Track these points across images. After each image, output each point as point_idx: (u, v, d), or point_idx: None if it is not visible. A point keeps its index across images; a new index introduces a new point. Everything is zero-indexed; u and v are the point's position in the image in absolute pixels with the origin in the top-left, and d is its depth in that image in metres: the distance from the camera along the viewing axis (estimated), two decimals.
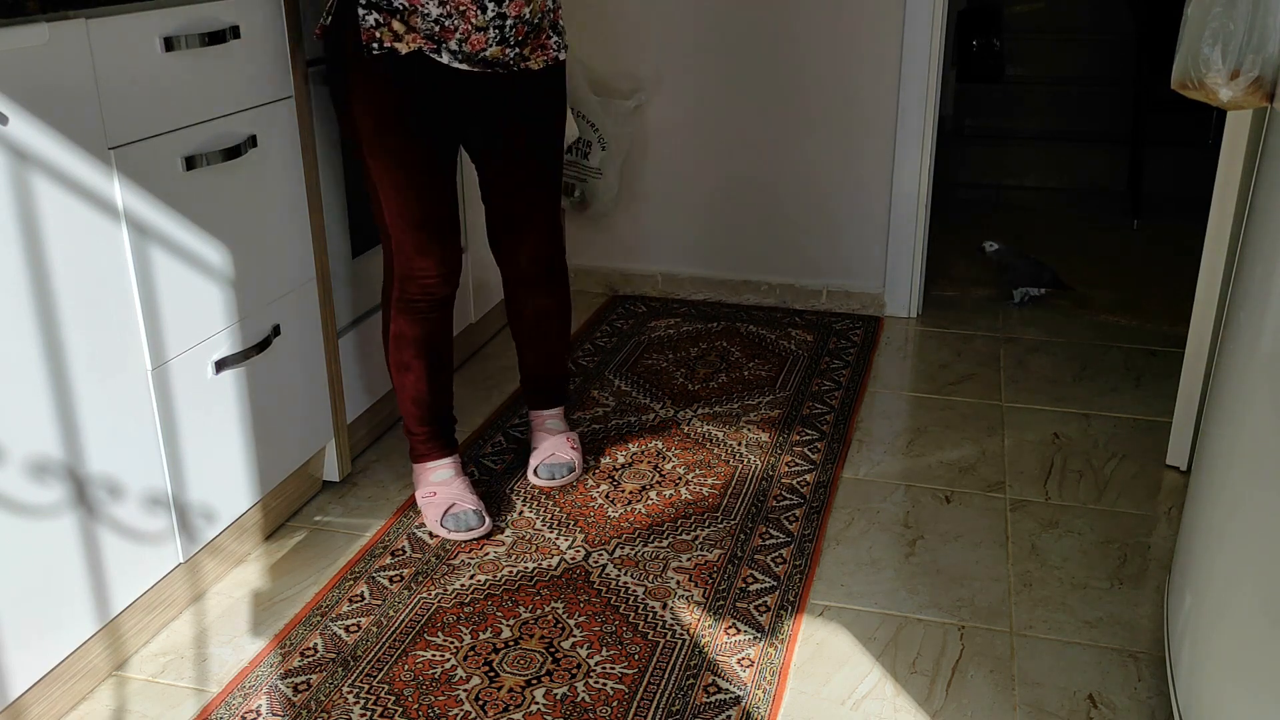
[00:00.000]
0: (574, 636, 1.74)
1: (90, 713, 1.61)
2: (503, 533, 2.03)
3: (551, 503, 2.13)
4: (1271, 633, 1.13)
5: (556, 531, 2.03)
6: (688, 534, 2.02)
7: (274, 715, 1.59)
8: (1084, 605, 1.83)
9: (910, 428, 2.46)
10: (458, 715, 1.58)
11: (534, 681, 1.64)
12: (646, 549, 1.98)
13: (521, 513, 2.10)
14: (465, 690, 1.63)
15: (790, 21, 2.97)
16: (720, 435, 2.40)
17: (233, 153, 1.74)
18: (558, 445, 2.23)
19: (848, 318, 3.12)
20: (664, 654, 1.70)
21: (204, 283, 1.74)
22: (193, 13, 1.66)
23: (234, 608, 1.84)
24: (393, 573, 1.92)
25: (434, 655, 1.70)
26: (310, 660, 1.70)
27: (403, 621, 1.79)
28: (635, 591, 1.85)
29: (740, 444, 2.36)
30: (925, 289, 3.19)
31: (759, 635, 1.75)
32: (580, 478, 2.22)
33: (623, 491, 2.17)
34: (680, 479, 2.22)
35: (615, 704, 1.59)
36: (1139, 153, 4.02)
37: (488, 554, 1.97)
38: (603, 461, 2.28)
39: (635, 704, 1.59)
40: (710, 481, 2.21)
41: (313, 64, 1.98)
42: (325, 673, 1.67)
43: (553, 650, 1.71)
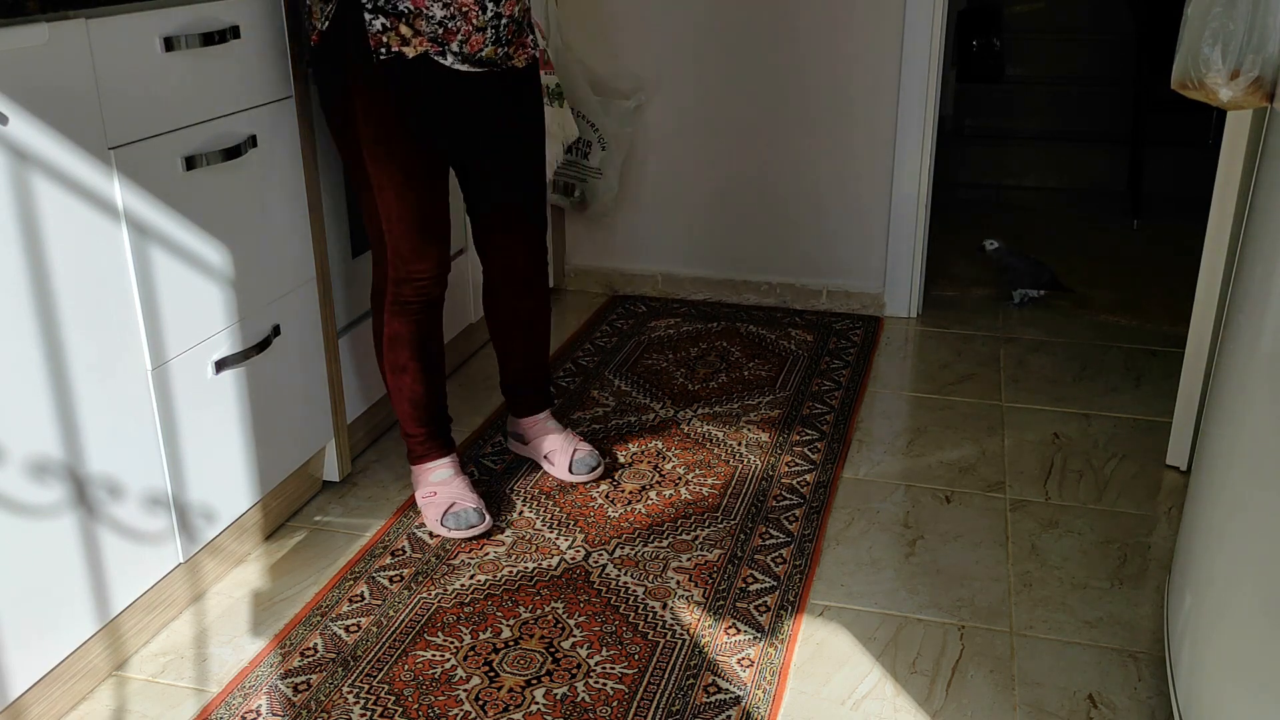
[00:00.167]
0: (574, 636, 1.74)
1: (90, 713, 1.61)
2: (503, 533, 2.03)
3: (551, 503, 2.13)
4: (1271, 633, 1.13)
5: (556, 531, 2.03)
6: (688, 534, 2.02)
7: (274, 715, 1.59)
8: (1084, 605, 1.83)
9: (910, 428, 2.46)
10: (458, 715, 1.58)
11: (534, 681, 1.64)
12: (646, 549, 1.98)
13: (521, 513, 2.10)
14: (465, 690, 1.63)
15: (790, 21, 2.97)
16: (720, 435, 2.40)
17: (233, 153, 1.74)
18: (571, 440, 2.24)
19: (848, 318, 3.12)
20: (664, 654, 1.70)
21: (204, 283, 1.74)
22: (193, 13, 1.66)
23: (234, 608, 1.84)
24: (393, 573, 1.92)
25: (434, 655, 1.70)
26: (310, 660, 1.70)
27: (403, 621, 1.79)
28: (635, 591, 1.85)
29: (740, 444, 2.36)
30: (925, 289, 3.19)
31: (759, 635, 1.75)
32: None
33: (623, 491, 2.17)
34: (680, 479, 2.22)
35: (615, 704, 1.59)
36: (1139, 153, 4.02)
37: (488, 554, 1.97)
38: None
39: (635, 704, 1.59)
40: (710, 481, 2.21)
41: (310, 66, 1.98)
42: (325, 673, 1.67)
43: (553, 650, 1.71)
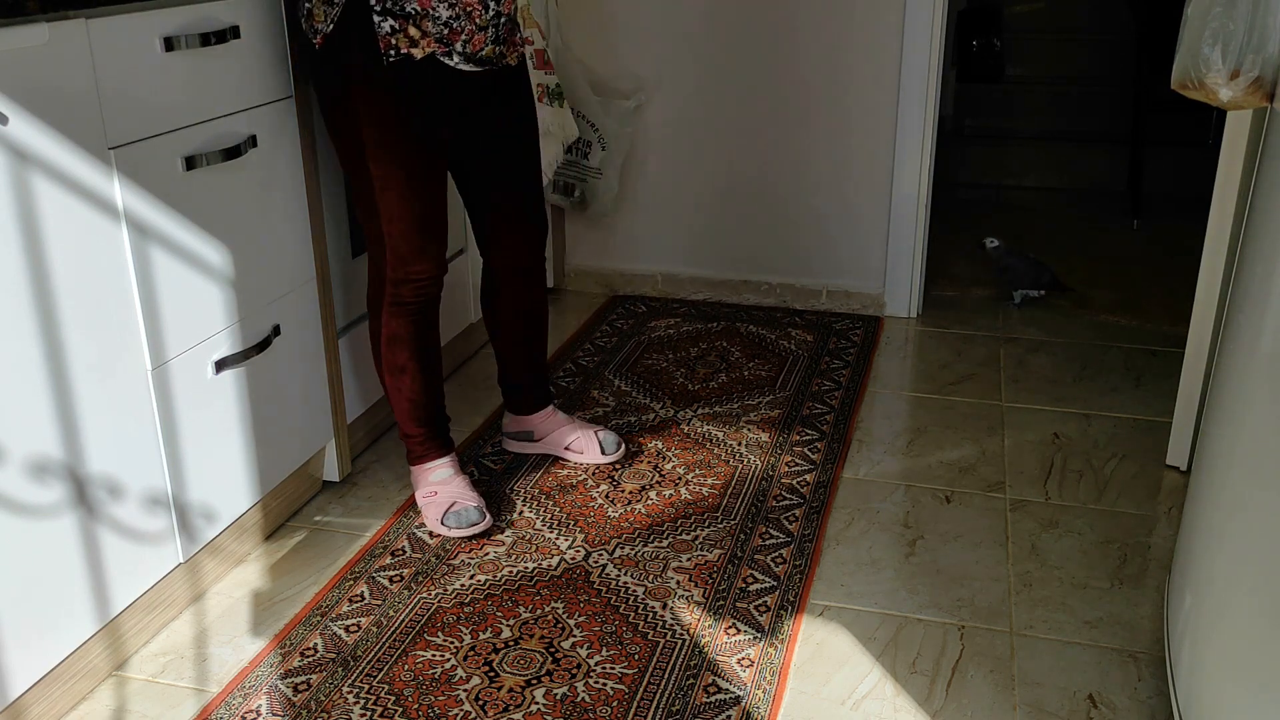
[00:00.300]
0: (574, 636, 1.74)
1: (90, 713, 1.61)
2: (503, 533, 2.03)
3: (551, 503, 2.13)
4: (1271, 633, 1.13)
5: (556, 531, 2.03)
6: (688, 534, 2.02)
7: (274, 715, 1.59)
8: (1084, 605, 1.83)
9: (910, 428, 2.46)
10: (458, 715, 1.58)
11: (534, 681, 1.64)
12: (646, 549, 1.98)
13: (521, 513, 2.10)
14: (465, 690, 1.63)
15: (790, 21, 2.97)
16: (720, 435, 2.40)
17: (233, 153, 1.74)
18: (586, 426, 2.30)
19: (848, 318, 3.12)
20: (664, 654, 1.70)
21: (204, 283, 1.74)
22: (193, 13, 1.66)
23: (234, 608, 1.84)
24: (393, 573, 1.92)
25: (434, 655, 1.70)
26: (310, 660, 1.70)
27: (403, 621, 1.79)
28: (635, 591, 1.85)
29: (740, 444, 2.36)
30: (925, 289, 3.19)
31: (759, 635, 1.75)
32: None
33: (623, 491, 2.17)
34: (680, 479, 2.22)
35: (615, 704, 1.59)
36: (1139, 153, 4.02)
37: (488, 554, 1.97)
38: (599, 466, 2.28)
39: (635, 704, 1.59)
40: (710, 481, 2.21)
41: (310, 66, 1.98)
42: (325, 673, 1.67)
43: (553, 650, 1.71)
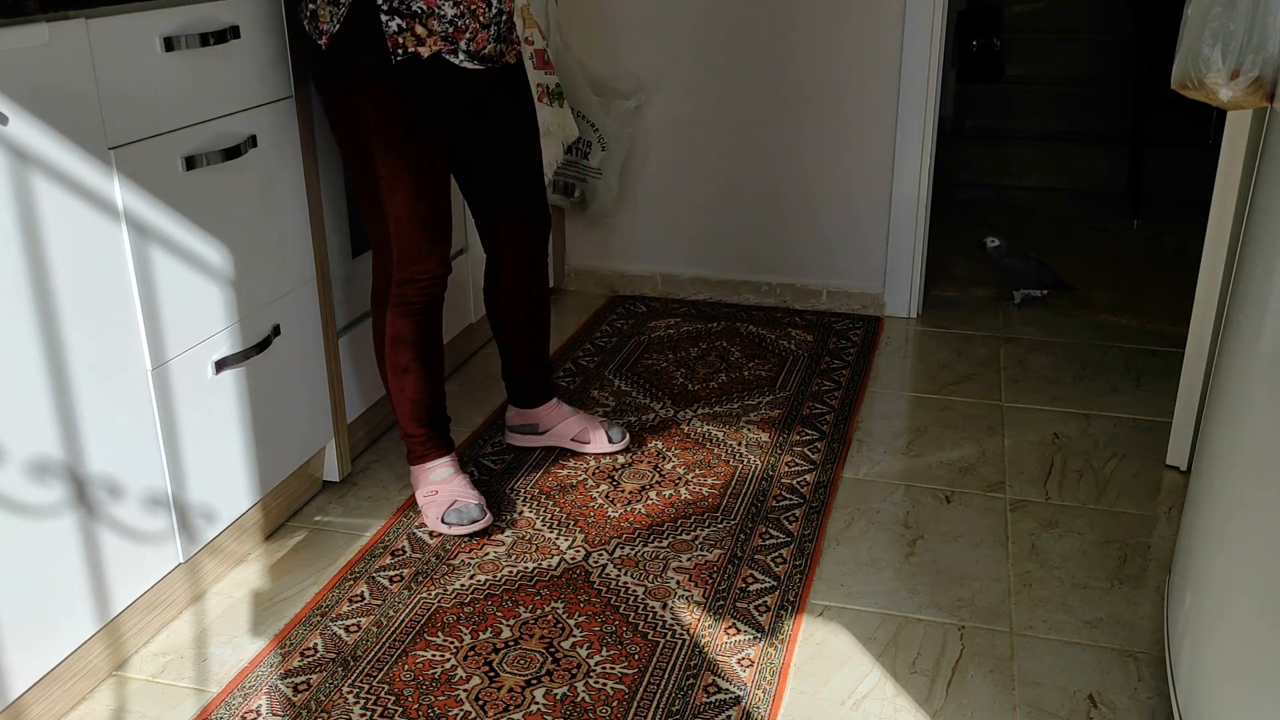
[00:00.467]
0: (574, 636, 1.74)
1: (90, 713, 1.60)
2: (503, 533, 2.03)
3: (551, 503, 2.13)
4: (1271, 633, 1.13)
5: (556, 531, 2.03)
6: (688, 534, 2.02)
7: (274, 715, 1.59)
8: (1084, 605, 1.83)
9: (910, 428, 2.46)
10: (458, 715, 1.58)
11: (534, 681, 1.64)
12: (646, 549, 1.98)
13: (521, 513, 2.10)
14: (465, 690, 1.63)
15: (790, 21, 2.97)
16: (720, 435, 2.40)
17: (233, 153, 1.74)
18: (591, 417, 2.33)
19: (848, 318, 3.12)
20: (664, 654, 1.70)
21: (204, 283, 1.74)
22: (193, 13, 1.66)
23: (234, 608, 1.84)
24: (393, 573, 1.92)
25: (434, 655, 1.70)
26: (310, 660, 1.70)
27: (403, 621, 1.79)
28: (635, 591, 1.85)
29: (740, 444, 2.36)
30: (925, 289, 3.19)
31: (759, 635, 1.75)
32: None
33: (623, 491, 2.17)
34: (680, 479, 2.22)
35: (615, 704, 1.59)
36: (1139, 153, 4.02)
37: (488, 554, 1.97)
38: (602, 461, 2.28)
39: (635, 704, 1.59)
40: (710, 481, 2.21)
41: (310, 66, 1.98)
42: (325, 673, 1.67)
43: (553, 650, 1.71)
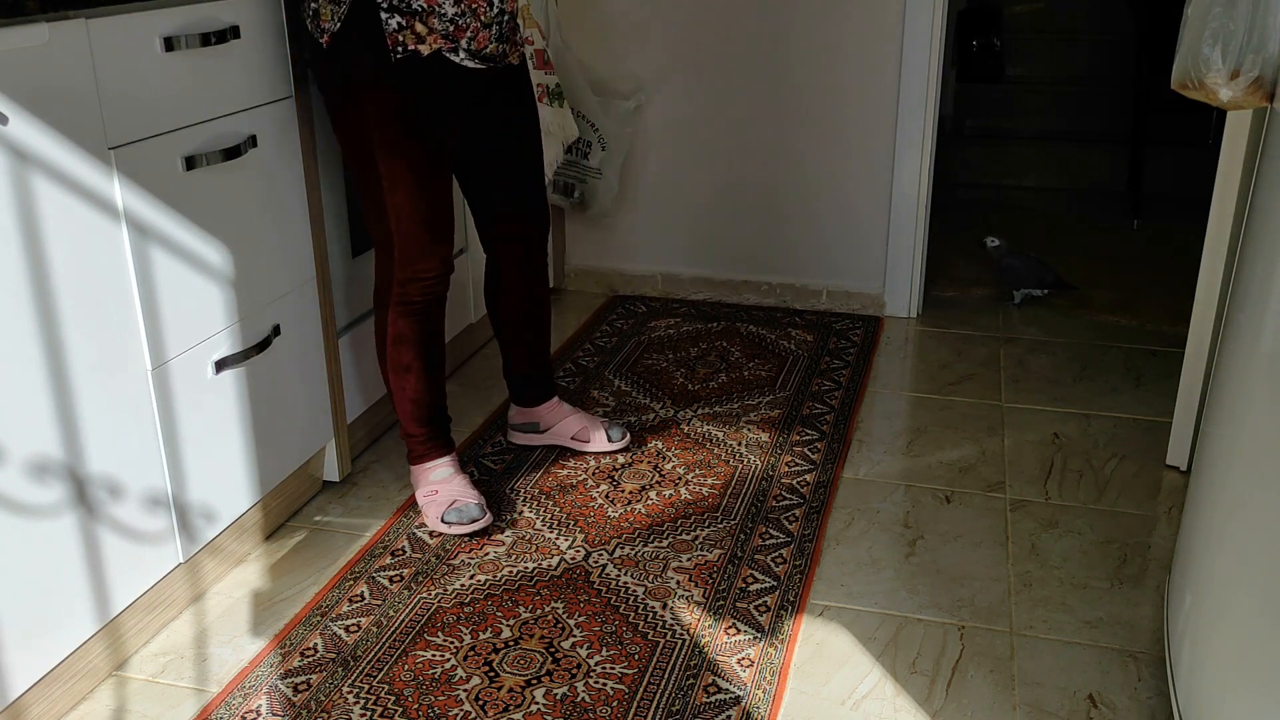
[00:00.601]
0: (574, 636, 1.74)
1: (90, 713, 1.61)
2: (503, 533, 2.03)
3: (551, 503, 2.13)
4: (1271, 633, 1.13)
5: (556, 531, 2.03)
6: (688, 534, 2.02)
7: (274, 715, 1.59)
8: (1084, 605, 1.83)
9: (910, 428, 2.46)
10: (458, 715, 1.58)
11: (534, 681, 1.64)
12: (646, 549, 1.98)
13: (521, 513, 2.10)
14: (465, 690, 1.63)
15: (791, 21, 2.97)
16: (720, 435, 2.40)
17: (233, 153, 1.74)
18: (591, 416, 2.34)
19: (848, 318, 3.12)
20: (664, 654, 1.70)
21: (204, 283, 1.74)
22: (193, 13, 1.66)
23: (234, 608, 1.84)
24: (393, 573, 1.92)
25: (434, 655, 1.70)
26: (310, 660, 1.70)
27: (403, 621, 1.79)
28: (635, 591, 1.85)
29: (740, 444, 2.36)
30: (925, 289, 3.19)
31: (759, 635, 1.75)
32: None
33: (623, 491, 2.17)
34: (680, 479, 2.22)
35: (615, 704, 1.59)
36: (1139, 153, 4.02)
37: (488, 554, 1.97)
38: (603, 461, 2.28)
39: (635, 704, 1.59)
40: (710, 481, 2.21)
41: (310, 65, 1.98)
42: (325, 673, 1.67)
43: (553, 650, 1.71)
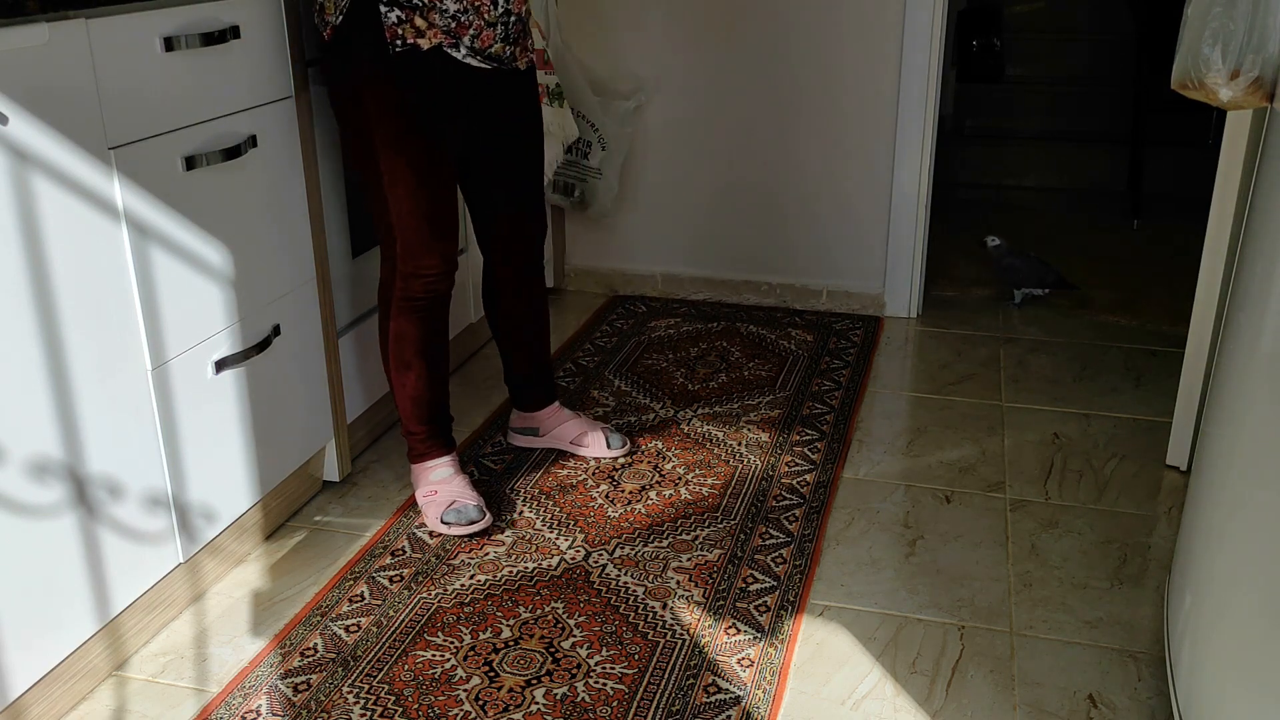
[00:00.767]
0: (574, 636, 1.74)
1: (90, 713, 1.61)
2: (503, 533, 2.03)
3: (551, 503, 2.13)
4: (1271, 633, 1.13)
5: (556, 531, 2.03)
6: (688, 534, 2.02)
7: (274, 715, 1.59)
8: (1084, 605, 1.83)
9: (910, 428, 2.46)
10: (458, 715, 1.58)
11: (534, 681, 1.64)
12: (646, 549, 1.98)
13: (521, 513, 2.10)
14: (465, 690, 1.63)
15: (790, 21, 2.97)
16: (720, 435, 2.40)
17: (233, 153, 1.74)
18: (592, 422, 2.33)
19: (848, 318, 3.12)
20: (664, 654, 1.70)
21: (204, 283, 1.74)
22: (193, 13, 1.66)
23: (234, 608, 1.84)
24: (393, 573, 1.92)
25: (434, 655, 1.70)
26: (310, 660, 1.70)
27: (403, 621, 1.79)
28: (635, 591, 1.85)
29: (740, 444, 2.36)
30: (925, 289, 3.19)
31: (759, 635, 1.75)
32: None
33: (623, 491, 2.17)
34: (680, 479, 2.22)
35: (615, 704, 1.59)
36: (1139, 153, 4.02)
37: (488, 554, 1.97)
38: (603, 461, 2.28)
39: (635, 704, 1.59)
40: (710, 481, 2.21)
41: (312, 64, 1.98)
42: (325, 673, 1.67)
43: (553, 650, 1.71)
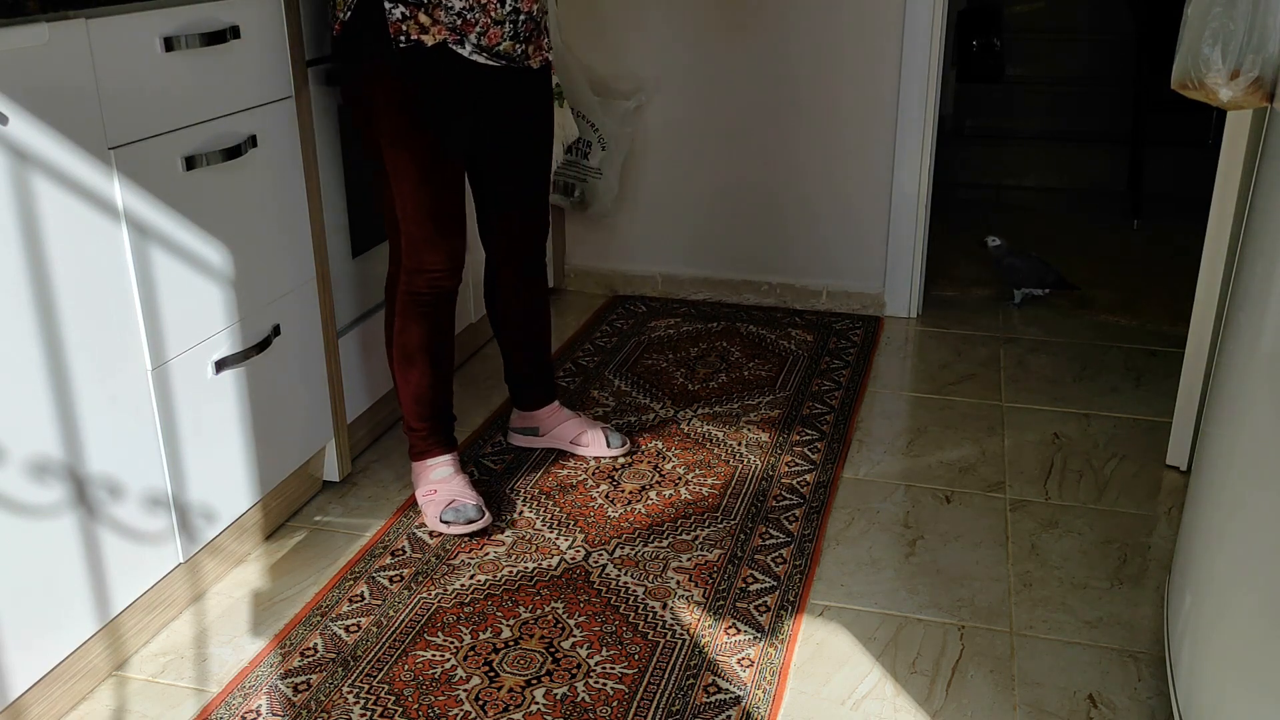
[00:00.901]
0: (574, 636, 1.74)
1: (90, 713, 1.61)
2: (503, 533, 2.03)
3: (551, 503, 2.13)
4: (1271, 633, 1.13)
5: (556, 531, 2.03)
6: (688, 534, 2.02)
7: (274, 715, 1.59)
8: (1084, 605, 1.83)
9: (910, 428, 2.46)
10: (458, 715, 1.58)
11: (534, 681, 1.64)
12: (646, 549, 1.98)
13: (521, 513, 2.10)
14: (465, 690, 1.63)
15: (790, 21, 2.97)
16: (720, 435, 2.40)
17: (233, 153, 1.74)
18: (591, 421, 2.33)
19: (848, 318, 3.12)
20: (664, 654, 1.70)
21: (204, 283, 1.74)
22: (193, 13, 1.66)
23: (234, 608, 1.84)
24: (393, 573, 1.92)
25: (434, 655, 1.70)
26: (310, 660, 1.70)
27: (403, 621, 1.79)
28: (635, 591, 1.85)
29: (740, 444, 2.36)
30: (925, 289, 3.19)
31: (759, 635, 1.75)
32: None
33: (623, 491, 2.17)
34: (680, 479, 2.22)
35: (615, 704, 1.59)
36: (1139, 153, 4.02)
37: (488, 554, 1.97)
38: (603, 461, 2.28)
39: (635, 704, 1.59)
40: (710, 481, 2.21)
41: (312, 64, 1.98)
42: (325, 673, 1.67)
43: (553, 650, 1.71)
